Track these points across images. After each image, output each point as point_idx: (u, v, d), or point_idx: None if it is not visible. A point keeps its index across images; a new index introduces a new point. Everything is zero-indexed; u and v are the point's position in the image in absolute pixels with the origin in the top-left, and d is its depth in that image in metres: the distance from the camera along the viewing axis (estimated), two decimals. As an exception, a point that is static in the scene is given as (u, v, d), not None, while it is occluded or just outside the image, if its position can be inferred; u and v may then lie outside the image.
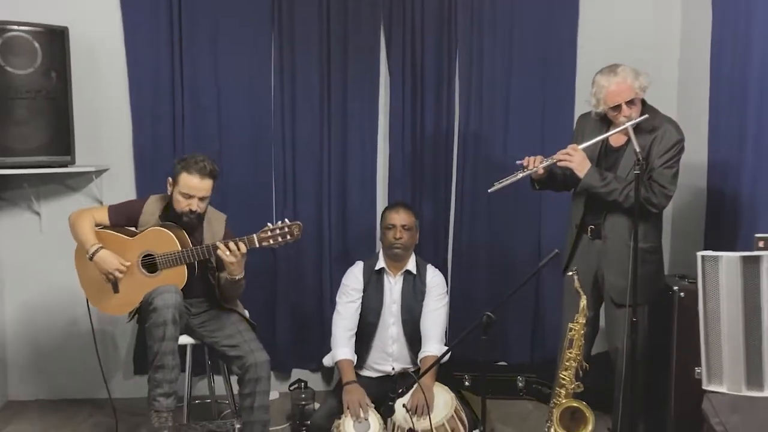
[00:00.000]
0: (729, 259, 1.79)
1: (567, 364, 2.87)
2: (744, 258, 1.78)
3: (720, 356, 1.81)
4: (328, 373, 4.03)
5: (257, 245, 2.87)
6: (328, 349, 3.45)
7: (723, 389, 1.85)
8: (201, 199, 2.97)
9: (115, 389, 3.65)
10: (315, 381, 3.94)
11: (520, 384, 3.91)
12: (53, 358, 3.92)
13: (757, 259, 1.76)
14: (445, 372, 3.42)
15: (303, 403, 3.51)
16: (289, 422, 3.63)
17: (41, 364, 3.93)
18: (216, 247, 2.87)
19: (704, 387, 1.91)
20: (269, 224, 2.90)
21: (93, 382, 3.86)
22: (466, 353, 3.71)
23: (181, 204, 2.95)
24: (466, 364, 3.79)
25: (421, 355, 3.25)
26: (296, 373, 3.96)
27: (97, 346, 3.39)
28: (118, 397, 3.60)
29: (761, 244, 1.92)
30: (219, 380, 3.54)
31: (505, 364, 4.04)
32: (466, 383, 3.82)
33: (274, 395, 3.82)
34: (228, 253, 2.84)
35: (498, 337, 3.98)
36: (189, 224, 2.99)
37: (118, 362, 3.95)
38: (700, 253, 1.86)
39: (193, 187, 2.93)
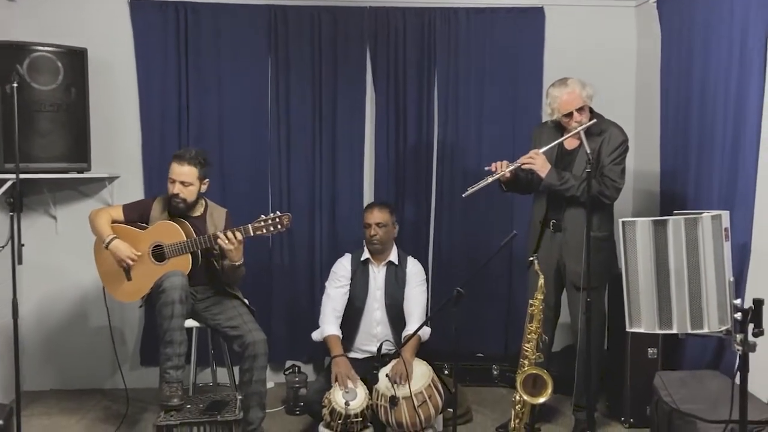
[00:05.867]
0: (642, 223, 2.18)
1: (528, 336, 3.23)
2: (654, 222, 2.16)
3: (638, 303, 2.18)
4: (319, 364, 4.35)
5: (252, 233, 3.24)
6: (319, 343, 3.75)
7: (641, 329, 2.20)
8: (183, 183, 3.31)
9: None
10: (307, 371, 4.20)
11: (495, 372, 4.26)
12: (66, 351, 4.23)
13: (665, 222, 2.15)
14: (428, 360, 3.64)
15: (297, 385, 3.85)
16: (284, 405, 3.96)
17: (54, 357, 4.24)
18: (215, 237, 3.24)
19: (627, 329, 2.26)
20: (262, 215, 3.27)
21: (102, 373, 4.22)
22: (446, 345, 3.95)
23: (169, 189, 3.35)
24: (445, 355, 4.08)
25: (404, 333, 3.58)
26: (290, 364, 4.22)
27: (113, 335, 3.73)
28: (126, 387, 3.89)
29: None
30: (221, 371, 3.87)
31: (482, 355, 4.37)
32: (446, 371, 4.15)
33: (269, 385, 4.12)
34: (227, 241, 3.20)
35: (476, 331, 4.32)
36: (178, 208, 3.35)
37: (126, 355, 4.27)
38: (620, 219, 2.25)
39: (173, 172, 3.33)
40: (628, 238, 2.18)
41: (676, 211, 2.39)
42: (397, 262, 3.69)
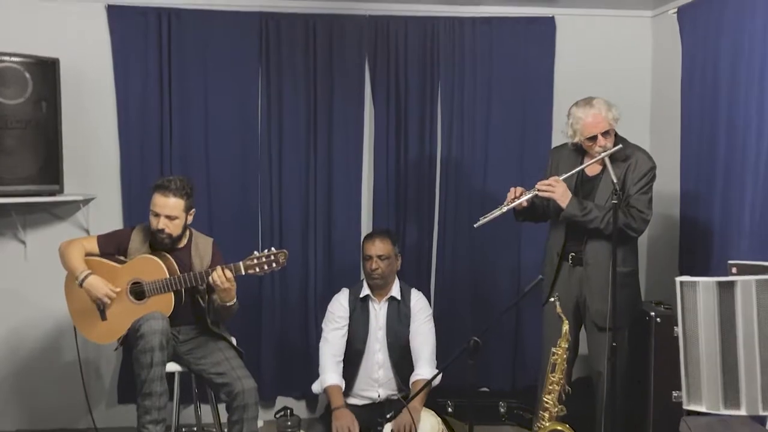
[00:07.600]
0: (706, 284, 1.87)
1: (550, 387, 2.93)
2: (719, 283, 1.86)
3: (698, 377, 1.88)
4: (313, 401, 4.04)
5: (243, 272, 2.93)
6: (312, 377, 3.47)
7: (702, 408, 1.90)
8: (168, 217, 3.00)
9: (98, 419, 3.62)
10: (300, 408, 3.95)
11: (501, 410, 3.95)
12: (36, 388, 3.89)
13: (732, 284, 1.84)
14: (430, 398, 3.41)
15: (289, 430, 3.53)
16: (274, 450, 3.65)
17: (23, 394, 3.89)
18: (202, 275, 2.93)
19: (684, 407, 1.97)
20: (255, 252, 2.96)
21: (75, 412, 3.87)
22: (449, 379, 3.71)
23: (152, 223, 3.03)
24: (448, 390, 3.79)
25: (413, 378, 3.29)
26: (281, 401, 3.97)
27: (83, 374, 3.40)
28: (101, 426, 3.59)
29: (734, 270, 2.02)
30: (206, 409, 3.55)
31: (488, 390, 4.09)
32: (449, 409, 3.86)
33: (258, 423, 3.83)
34: (221, 281, 2.88)
35: (481, 364, 4.02)
36: (163, 243, 3.04)
37: (102, 391, 3.93)
38: (678, 279, 1.93)
39: (157, 205, 3.00)
40: (686, 300, 1.87)
41: (730, 262, 2.10)
42: (399, 297, 3.38)
